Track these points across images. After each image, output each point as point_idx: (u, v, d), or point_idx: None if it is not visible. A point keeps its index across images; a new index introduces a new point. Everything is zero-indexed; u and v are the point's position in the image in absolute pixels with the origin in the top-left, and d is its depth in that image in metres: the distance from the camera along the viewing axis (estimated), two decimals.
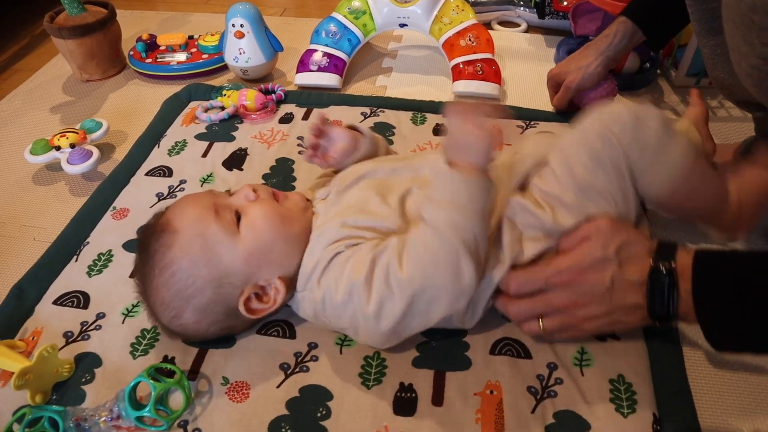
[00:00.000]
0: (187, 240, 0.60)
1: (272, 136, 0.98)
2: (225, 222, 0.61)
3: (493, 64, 1.09)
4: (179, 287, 0.60)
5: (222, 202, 0.64)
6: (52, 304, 0.72)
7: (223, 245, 0.60)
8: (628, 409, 0.58)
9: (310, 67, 1.13)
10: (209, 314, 0.62)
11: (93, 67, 1.20)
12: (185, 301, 0.60)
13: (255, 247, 0.61)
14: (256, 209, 0.63)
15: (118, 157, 0.99)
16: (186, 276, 0.59)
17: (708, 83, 1.10)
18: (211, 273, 0.60)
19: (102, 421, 0.57)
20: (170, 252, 0.60)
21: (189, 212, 0.62)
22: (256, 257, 0.61)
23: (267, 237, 0.62)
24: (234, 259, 0.60)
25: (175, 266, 0.60)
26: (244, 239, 0.61)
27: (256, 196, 0.65)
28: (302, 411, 0.59)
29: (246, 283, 0.61)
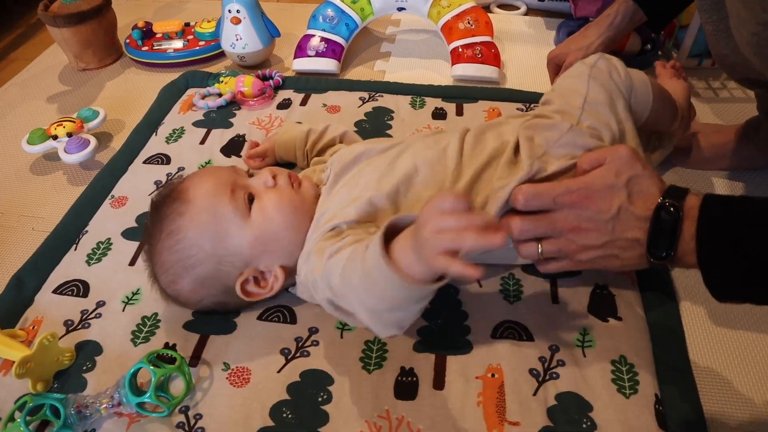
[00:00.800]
0: (198, 211, 0.61)
1: (270, 122, 0.98)
2: (238, 202, 0.62)
3: (493, 47, 1.08)
4: (181, 255, 0.61)
5: (241, 182, 0.65)
6: (51, 293, 0.71)
7: (232, 225, 0.61)
8: (630, 390, 0.58)
9: (307, 53, 1.12)
10: (205, 287, 0.63)
11: (89, 55, 1.19)
12: (184, 269, 0.61)
13: (262, 233, 0.62)
14: (271, 196, 0.64)
15: (116, 145, 0.98)
16: (190, 245, 0.61)
17: (710, 64, 1.09)
18: (214, 248, 0.61)
19: (103, 408, 0.57)
20: (180, 219, 0.61)
21: (206, 185, 0.63)
22: (261, 243, 0.62)
23: (275, 226, 0.62)
24: (239, 241, 0.61)
25: (182, 234, 0.61)
26: (253, 223, 0.62)
27: (275, 183, 0.65)
28: (303, 395, 0.59)
29: (246, 265, 0.62)
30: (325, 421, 0.57)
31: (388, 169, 0.64)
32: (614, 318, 0.64)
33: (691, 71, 1.09)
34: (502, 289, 0.68)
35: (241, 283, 0.62)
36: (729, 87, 1.05)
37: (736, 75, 0.77)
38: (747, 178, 0.85)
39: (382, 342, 0.63)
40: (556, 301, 0.67)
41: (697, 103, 1.01)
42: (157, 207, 0.64)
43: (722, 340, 0.65)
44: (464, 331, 0.64)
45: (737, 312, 0.68)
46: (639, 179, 0.57)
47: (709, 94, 1.04)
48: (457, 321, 0.65)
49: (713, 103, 1.02)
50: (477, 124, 0.71)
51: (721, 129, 0.88)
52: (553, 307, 0.66)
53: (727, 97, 1.04)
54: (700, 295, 0.70)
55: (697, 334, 0.66)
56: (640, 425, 0.55)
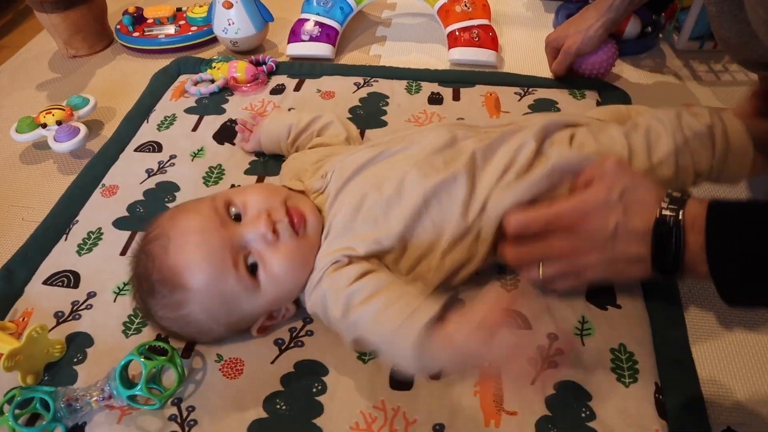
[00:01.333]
0: (205, 299, 0.56)
1: (263, 107, 0.96)
2: (243, 277, 0.56)
3: (490, 31, 1.06)
4: (195, 329, 0.59)
5: (237, 243, 0.56)
6: (41, 284, 0.70)
7: (244, 298, 0.57)
8: (629, 378, 0.57)
9: (301, 37, 1.10)
10: (221, 336, 0.62)
11: (79, 42, 1.17)
12: (200, 334, 0.61)
13: (276, 296, 0.59)
14: (278, 258, 0.57)
15: (107, 133, 0.97)
16: (201, 323, 0.58)
17: (712, 46, 1.07)
18: (228, 319, 0.59)
19: (94, 401, 0.56)
20: (185, 307, 0.56)
21: (204, 267, 0.55)
22: (276, 300, 0.60)
23: (288, 285, 0.59)
24: (254, 307, 0.59)
25: (191, 318, 0.57)
26: (265, 291, 0.58)
27: (276, 238, 0.57)
28: (297, 386, 0.58)
29: (262, 315, 0.61)
30: (320, 413, 0.56)
31: (395, 198, 0.60)
32: (613, 306, 0.63)
33: (692, 54, 1.08)
34: (499, 277, 0.67)
35: (257, 328, 0.61)
36: (731, 70, 1.04)
37: (739, 57, 0.75)
38: None
39: None
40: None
41: (698, 86, 1.00)
42: (147, 291, 0.57)
43: (723, 328, 0.64)
44: None
45: None
46: (632, 191, 0.55)
47: (711, 77, 1.02)
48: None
49: (715, 86, 1.00)
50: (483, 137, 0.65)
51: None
52: (551, 295, 0.65)
53: (729, 80, 1.02)
54: (700, 283, 0.68)
55: (698, 322, 0.65)
56: (639, 414, 0.55)
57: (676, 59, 1.07)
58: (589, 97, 0.94)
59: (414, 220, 0.59)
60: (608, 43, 0.94)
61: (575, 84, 0.97)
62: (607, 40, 0.93)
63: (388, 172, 0.62)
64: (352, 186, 0.63)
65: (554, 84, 0.97)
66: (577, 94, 0.95)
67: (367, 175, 0.63)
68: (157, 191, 0.82)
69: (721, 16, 0.68)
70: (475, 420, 0.55)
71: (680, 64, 1.06)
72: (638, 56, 1.08)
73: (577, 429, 0.54)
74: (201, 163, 0.86)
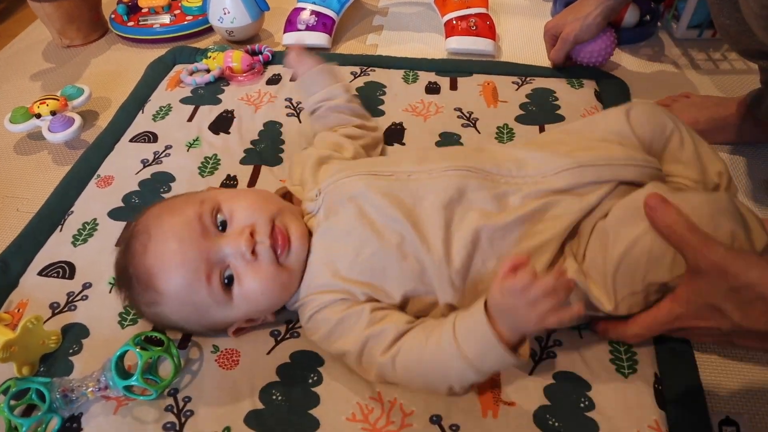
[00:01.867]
0: (175, 305, 0.56)
1: (259, 97, 0.95)
2: (217, 291, 0.55)
3: (488, 19, 1.05)
4: (169, 324, 0.59)
5: (213, 257, 0.55)
6: (36, 275, 0.70)
7: (215, 310, 0.57)
8: (628, 369, 0.57)
9: (297, 27, 1.09)
10: (200, 333, 0.62)
11: (73, 31, 1.15)
12: (176, 328, 0.61)
13: (249, 310, 0.59)
14: (252, 278, 0.56)
15: (102, 124, 0.96)
16: (175, 321, 0.58)
17: (711, 35, 1.07)
18: (200, 324, 0.59)
19: (90, 392, 0.56)
20: (156, 307, 0.57)
21: (176, 276, 0.54)
22: (250, 314, 0.60)
23: (262, 305, 0.59)
24: (227, 317, 0.59)
25: (164, 316, 0.58)
26: (237, 306, 0.57)
27: (254, 258, 0.55)
28: (293, 377, 0.58)
29: (238, 321, 0.60)
30: (316, 403, 0.56)
31: (396, 255, 0.56)
32: None
33: (691, 42, 1.07)
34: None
35: (233, 331, 0.61)
36: (730, 58, 1.03)
37: (739, 46, 0.75)
38: (747, 152, 0.83)
39: None
40: None
41: (696, 75, 1.00)
42: (125, 283, 0.58)
43: None
44: None
45: None
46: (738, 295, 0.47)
47: (710, 66, 1.02)
48: None
49: (714, 74, 1.00)
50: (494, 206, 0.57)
51: (721, 102, 0.86)
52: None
53: (728, 68, 1.01)
54: None
55: None
56: (638, 404, 0.55)
57: (674, 48, 1.06)
58: (587, 86, 0.93)
59: (414, 285, 0.57)
60: (607, 31, 0.93)
61: (573, 73, 0.96)
62: (605, 28, 0.92)
63: (389, 220, 0.57)
64: (346, 217, 0.58)
65: (552, 73, 0.97)
66: (575, 83, 0.94)
67: (364, 210, 0.58)
68: (153, 182, 0.81)
69: (722, 4, 0.68)
70: (473, 411, 0.55)
71: (679, 52, 1.05)
72: (637, 45, 1.07)
73: (576, 419, 0.54)
74: (196, 153, 0.85)
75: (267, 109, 0.93)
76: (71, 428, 0.56)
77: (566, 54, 0.94)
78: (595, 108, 0.88)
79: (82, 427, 0.56)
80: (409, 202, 0.58)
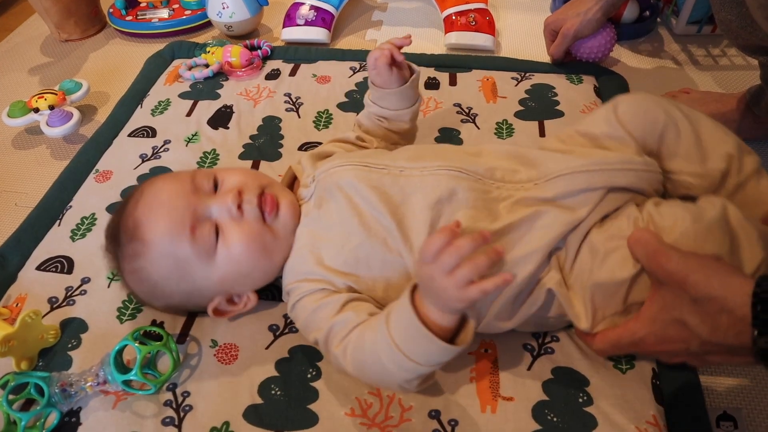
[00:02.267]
0: (157, 257, 0.56)
1: (258, 92, 0.95)
2: (200, 243, 0.56)
3: (487, 15, 1.05)
4: (147, 288, 0.59)
5: (201, 211, 0.57)
6: (35, 269, 0.70)
7: (196, 268, 0.57)
8: (626, 365, 0.57)
9: (296, 22, 1.08)
10: (178, 305, 0.62)
11: (71, 26, 1.15)
12: (154, 296, 0.60)
13: (229, 273, 0.58)
14: (236, 233, 0.56)
15: (100, 118, 0.96)
16: (154, 284, 0.58)
17: (710, 31, 1.07)
18: (180, 287, 0.58)
19: (88, 386, 0.56)
20: (140, 260, 0.57)
21: (162, 224, 0.56)
22: (229, 280, 0.58)
23: (243, 267, 0.58)
24: (206, 281, 0.58)
25: (144, 274, 0.58)
26: (218, 264, 0.57)
27: (240, 214, 0.57)
28: (292, 372, 0.58)
29: (217, 294, 0.60)
30: (315, 398, 0.56)
31: (382, 249, 0.56)
32: None
33: (690, 38, 1.07)
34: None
35: (213, 307, 0.60)
36: (729, 54, 1.03)
37: (739, 41, 0.75)
38: None
39: None
40: None
41: (696, 71, 1.00)
42: (112, 238, 0.59)
43: None
44: None
45: None
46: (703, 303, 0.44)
47: (709, 62, 1.02)
48: None
49: (713, 70, 1.00)
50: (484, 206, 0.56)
51: (721, 98, 0.86)
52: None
53: (727, 64, 1.01)
54: None
55: None
56: (636, 399, 0.55)
57: (674, 43, 1.07)
58: (587, 82, 0.93)
59: (397, 277, 0.56)
60: (606, 27, 0.93)
61: (572, 68, 0.96)
62: (605, 24, 0.92)
63: (376, 213, 0.57)
64: (336, 207, 0.58)
65: (551, 69, 0.97)
66: (575, 79, 0.94)
67: (353, 201, 0.58)
68: (151, 176, 0.81)
69: None
70: (472, 406, 0.55)
71: (678, 48, 1.05)
72: (636, 40, 1.07)
73: (574, 414, 0.54)
74: (195, 148, 0.85)
75: (266, 104, 0.93)
76: (70, 422, 0.56)
77: (566, 49, 0.94)
78: (594, 104, 0.88)
79: (81, 421, 0.56)
80: (397, 198, 0.57)
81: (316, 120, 0.89)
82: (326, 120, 0.89)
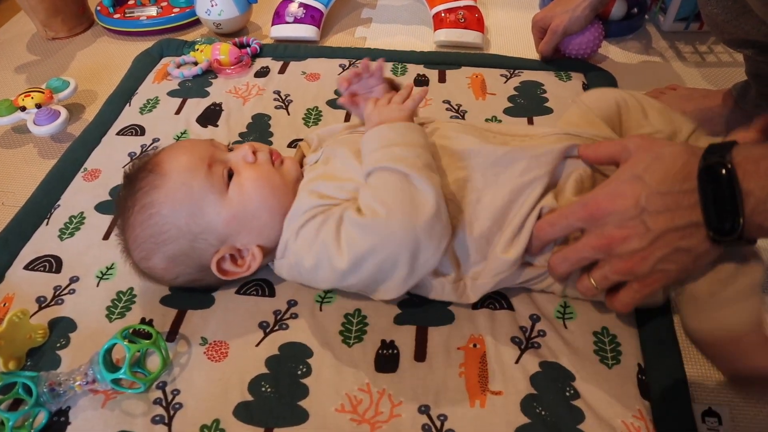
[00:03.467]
0: (173, 186, 0.59)
1: (248, 90, 0.95)
2: (215, 178, 0.60)
3: (476, 12, 1.05)
4: (154, 230, 0.59)
5: (219, 156, 0.62)
6: (23, 269, 0.69)
7: (208, 201, 0.59)
8: (612, 360, 0.58)
9: (285, 19, 1.08)
10: (179, 264, 0.61)
11: (58, 23, 1.14)
12: (157, 245, 0.59)
13: (239, 211, 0.59)
14: (250, 173, 0.61)
15: (88, 117, 0.95)
16: (163, 221, 0.58)
17: (697, 28, 1.07)
18: (189, 225, 0.59)
19: (77, 386, 0.56)
20: (154, 193, 0.59)
21: (182, 159, 0.60)
22: (238, 221, 0.60)
23: (253, 204, 0.60)
24: (216, 218, 0.59)
25: (155, 209, 0.58)
26: (230, 200, 0.59)
27: (254, 159, 0.62)
28: (282, 369, 0.58)
29: (222, 243, 0.60)
30: (305, 395, 0.56)
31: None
32: None
33: (677, 35, 1.08)
34: None
35: (217, 262, 0.60)
36: (716, 51, 1.04)
37: (725, 36, 0.75)
38: None
39: (362, 315, 0.62)
40: None
41: (683, 67, 1.01)
42: (130, 179, 0.61)
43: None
44: (446, 302, 0.63)
45: None
46: (661, 158, 0.47)
47: (696, 58, 1.02)
48: None
49: (700, 67, 1.01)
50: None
51: (708, 94, 0.86)
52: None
53: (714, 61, 1.02)
54: None
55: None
56: (622, 394, 0.55)
57: (661, 40, 1.07)
58: (575, 79, 0.94)
59: None
60: (594, 24, 0.93)
61: (561, 66, 0.96)
62: (593, 21, 0.93)
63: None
64: (341, 158, 0.63)
65: (540, 66, 0.97)
66: (563, 75, 0.94)
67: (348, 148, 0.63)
68: None
69: None
70: (461, 401, 0.55)
71: (666, 45, 1.06)
72: (624, 37, 1.08)
73: (562, 407, 0.54)
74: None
75: (255, 102, 0.92)
76: (59, 422, 0.55)
77: (555, 46, 0.95)
78: None
79: (70, 420, 0.55)
80: None
81: (305, 117, 0.89)
82: (316, 117, 0.89)
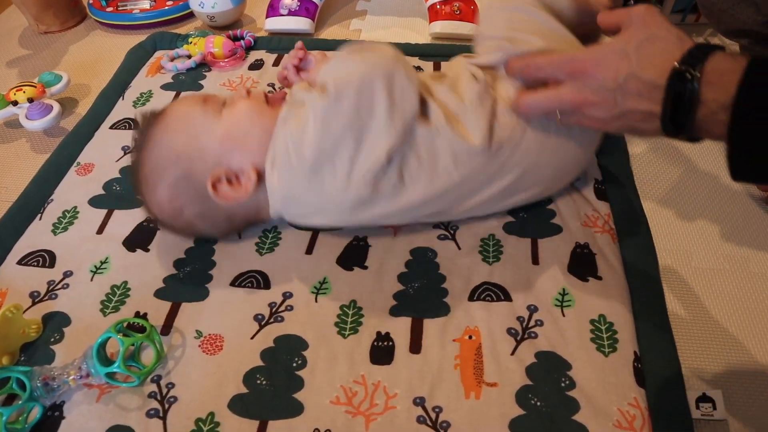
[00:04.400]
0: (172, 118, 0.64)
1: (242, 83, 0.94)
2: (211, 105, 0.65)
3: (472, 4, 1.05)
4: (157, 161, 0.63)
5: (215, 98, 0.68)
6: (16, 264, 0.69)
7: (203, 123, 0.64)
8: (609, 348, 0.58)
9: (280, 11, 1.08)
10: (181, 193, 0.63)
11: (50, 17, 1.14)
12: (159, 175, 0.63)
13: (232, 127, 0.64)
14: (242, 101, 0.66)
15: (81, 111, 0.95)
16: (163, 147, 0.63)
17: (694, 20, 1.07)
18: (186, 148, 0.63)
19: (71, 380, 0.55)
20: (155, 129, 0.64)
21: (181, 101, 0.69)
22: (231, 139, 0.63)
23: (245, 122, 0.64)
24: (210, 138, 0.63)
25: (156, 139, 0.63)
26: (223, 121, 0.64)
27: (248, 95, 0.67)
28: (277, 361, 0.58)
29: (218, 163, 0.63)
30: (300, 387, 0.56)
31: None
32: (594, 277, 0.64)
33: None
34: (481, 250, 0.67)
35: (213, 183, 0.62)
36: (712, 42, 1.04)
37: (721, 26, 0.75)
38: None
39: (357, 306, 0.62)
40: (536, 262, 0.65)
41: None
42: (140, 133, 0.65)
43: (701, 298, 0.65)
44: (441, 294, 0.63)
45: (716, 269, 0.68)
46: (653, 40, 0.49)
47: None
48: (434, 284, 0.64)
49: None
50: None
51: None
52: (533, 267, 0.65)
53: None
54: (681, 253, 0.69)
55: (677, 291, 0.65)
56: (618, 382, 0.55)
57: None
58: None
59: None
60: None
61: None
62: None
63: None
64: None
65: None
66: None
67: None
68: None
69: None
70: (456, 393, 0.55)
71: None
72: None
73: (557, 398, 0.54)
74: None
75: None
76: (53, 417, 0.55)
77: None
78: None
79: (65, 415, 0.55)
80: None
81: None
82: None
